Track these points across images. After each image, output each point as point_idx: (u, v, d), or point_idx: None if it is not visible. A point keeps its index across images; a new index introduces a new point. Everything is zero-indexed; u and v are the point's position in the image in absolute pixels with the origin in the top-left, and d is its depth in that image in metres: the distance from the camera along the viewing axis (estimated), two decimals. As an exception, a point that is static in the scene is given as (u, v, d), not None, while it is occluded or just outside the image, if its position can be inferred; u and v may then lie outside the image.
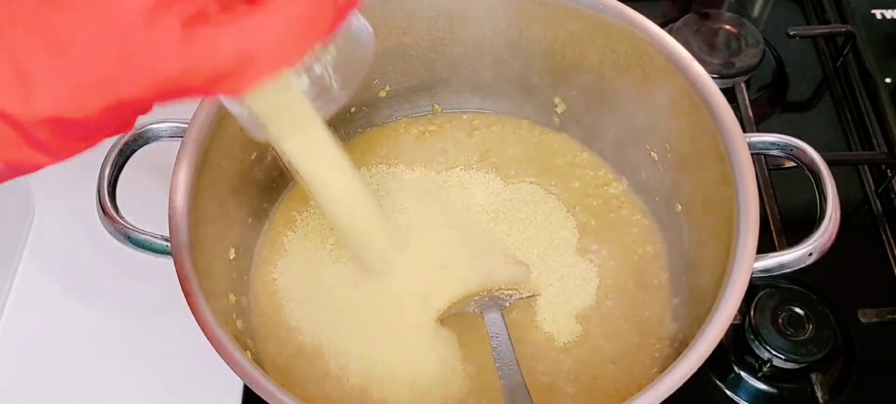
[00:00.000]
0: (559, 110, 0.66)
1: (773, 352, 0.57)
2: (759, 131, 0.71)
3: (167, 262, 0.47)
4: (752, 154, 0.50)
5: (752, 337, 0.58)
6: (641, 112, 0.60)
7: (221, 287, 0.53)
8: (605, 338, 0.57)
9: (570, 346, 0.57)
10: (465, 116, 0.69)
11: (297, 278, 0.60)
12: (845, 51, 0.79)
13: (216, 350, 0.44)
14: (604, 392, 0.55)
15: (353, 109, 0.66)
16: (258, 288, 0.59)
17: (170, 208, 0.48)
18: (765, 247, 0.48)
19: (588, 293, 0.59)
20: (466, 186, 0.64)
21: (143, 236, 0.49)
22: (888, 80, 0.75)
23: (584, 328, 0.57)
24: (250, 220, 0.60)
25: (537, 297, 0.59)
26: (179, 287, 0.46)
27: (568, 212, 0.63)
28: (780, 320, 0.58)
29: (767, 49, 0.79)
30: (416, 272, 0.59)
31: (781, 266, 0.48)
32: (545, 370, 0.56)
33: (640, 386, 0.43)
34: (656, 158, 0.60)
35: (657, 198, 0.62)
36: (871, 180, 0.71)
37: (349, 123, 0.66)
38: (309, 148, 0.46)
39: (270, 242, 0.62)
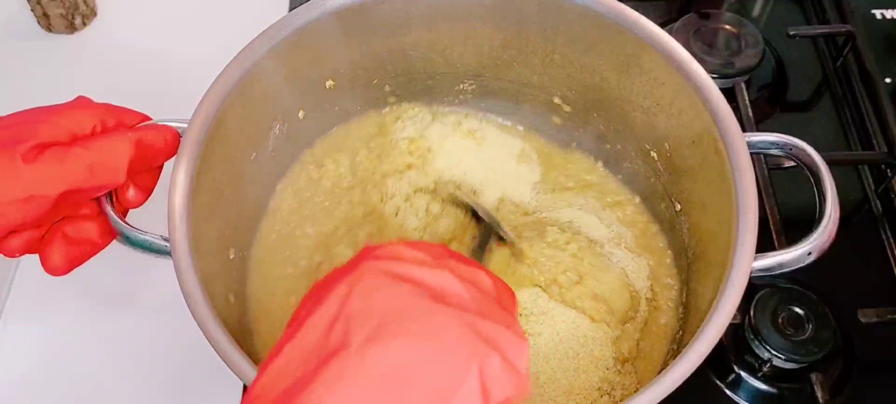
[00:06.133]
0: (559, 110, 0.66)
1: (773, 352, 0.57)
2: (759, 131, 0.71)
3: (167, 262, 0.47)
4: (751, 154, 0.50)
5: (751, 336, 0.58)
6: (641, 112, 0.60)
7: (221, 287, 0.53)
8: (605, 338, 0.57)
9: (570, 346, 0.57)
10: (464, 116, 0.69)
11: (297, 278, 0.60)
12: (845, 51, 0.79)
13: (216, 350, 0.44)
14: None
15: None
16: (258, 287, 0.59)
17: (169, 208, 0.48)
18: (764, 246, 0.48)
19: (588, 292, 0.59)
20: (466, 186, 0.64)
21: (143, 236, 0.48)
22: (888, 80, 0.75)
23: (583, 328, 0.57)
24: (250, 220, 0.60)
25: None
26: (179, 287, 0.46)
27: (568, 211, 0.63)
28: (779, 320, 0.58)
29: (767, 49, 0.79)
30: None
31: (780, 265, 0.48)
32: (543, 369, 0.56)
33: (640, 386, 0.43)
34: (656, 158, 0.60)
35: (657, 198, 0.62)
36: (871, 180, 0.71)
37: (349, 124, 0.66)
38: None
39: (270, 242, 0.62)
